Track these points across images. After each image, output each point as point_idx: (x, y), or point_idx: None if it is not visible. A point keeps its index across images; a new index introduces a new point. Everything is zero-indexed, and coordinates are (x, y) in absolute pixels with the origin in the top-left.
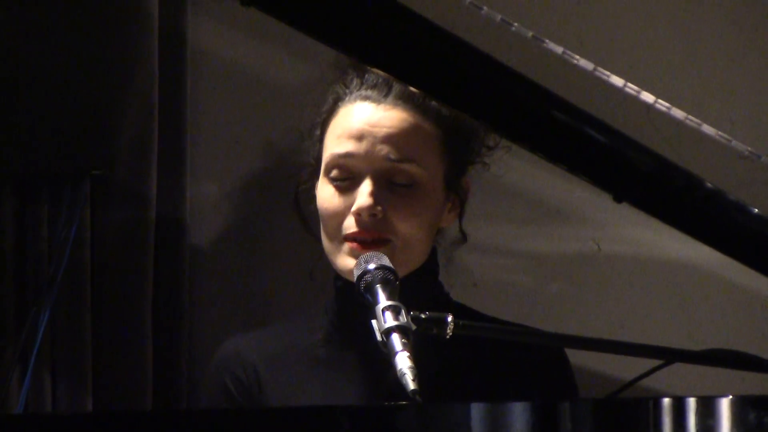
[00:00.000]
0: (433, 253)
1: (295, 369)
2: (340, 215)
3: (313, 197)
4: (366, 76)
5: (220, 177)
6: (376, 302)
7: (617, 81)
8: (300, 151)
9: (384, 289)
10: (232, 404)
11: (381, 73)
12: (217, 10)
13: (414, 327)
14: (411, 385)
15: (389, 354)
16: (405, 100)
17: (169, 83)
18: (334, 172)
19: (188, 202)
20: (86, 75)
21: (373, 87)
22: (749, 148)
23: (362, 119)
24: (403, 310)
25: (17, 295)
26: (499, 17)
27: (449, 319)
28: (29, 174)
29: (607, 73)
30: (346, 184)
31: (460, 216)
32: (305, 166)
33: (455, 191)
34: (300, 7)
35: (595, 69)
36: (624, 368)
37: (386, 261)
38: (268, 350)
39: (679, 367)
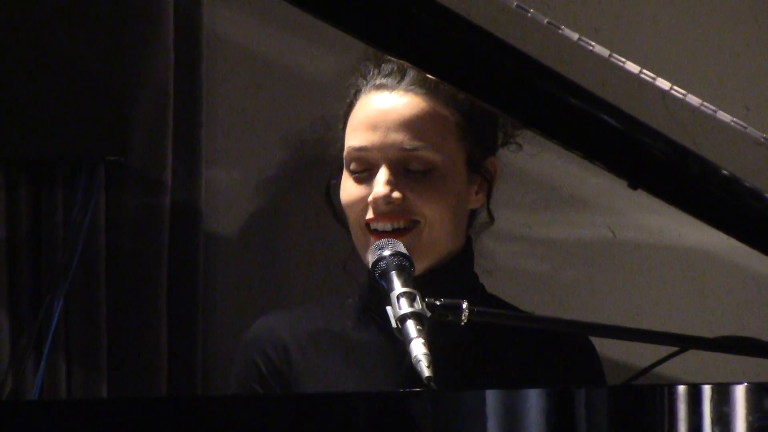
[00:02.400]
0: (468, 243)
1: (326, 351)
2: (360, 205)
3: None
4: (383, 65)
5: (235, 164)
6: (391, 289)
7: (633, 67)
8: (322, 140)
9: (399, 276)
10: (261, 382)
11: (397, 61)
12: None
13: (429, 314)
14: (426, 372)
15: (404, 341)
16: (418, 86)
17: (184, 69)
18: (353, 165)
19: (203, 189)
20: (101, 61)
21: (388, 75)
22: (765, 135)
23: (375, 108)
24: (417, 297)
25: (32, 280)
26: (514, 3)
27: (464, 305)
28: (44, 160)
29: (623, 59)
30: (365, 175)
31: (488, 197)
32: (335, 160)
33: (480, 173)
34: None
35: (610, 55)
36: (639, 355)
37: (401, 248)
38: (300, 331)
39: (694, 354)
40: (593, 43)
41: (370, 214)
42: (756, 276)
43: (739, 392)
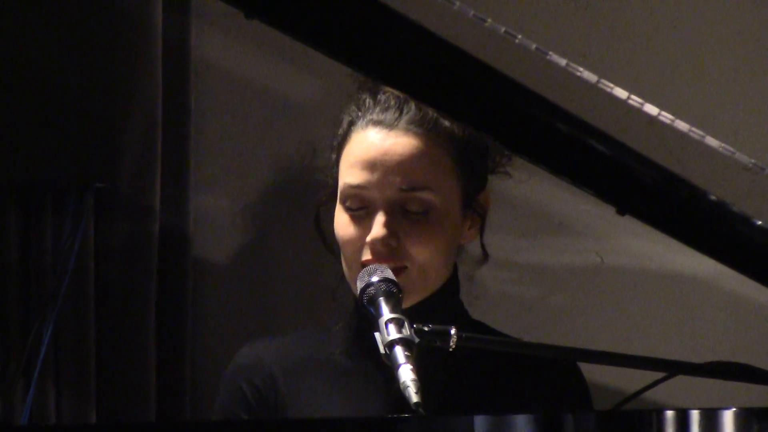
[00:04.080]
0: (454, 272)
1: (313, 379)
2: (357, 243)
3: (332, 217)
4: (379, 97)
5: (223, 190)
6: (379, 315)
7: (621, 93)
8: (310, 166)
9: (387, 302)
10: (247, 410)
11: (393, 93)
12: (221, 22)
13: (417, 339)
14: (414, 398)
15: (392, 367)
16: (417, 125)
17: (172, 95)
18: (349, 202)
19: (191, 215)
20: (90, 87)
21: (385, 110)
22: (753, 160)
23: (374, 147)
24: (406, 323)
25: (21, 306)
26: (503, 29)
27: (452, 331)
28: (33, 185)
29: (611, 85)
30: (361, 213)
31: (482, 232)
32: (324, 186)
33: (474, 209)
34: (304, 19)
35: (598, 81)
36: (627, 380)
37: (389, 274)
38: (286, 358)
39: (682, 380)
40: (581, 69)
41: (367, 255)
42: (744, 301)
43: (728, 417)
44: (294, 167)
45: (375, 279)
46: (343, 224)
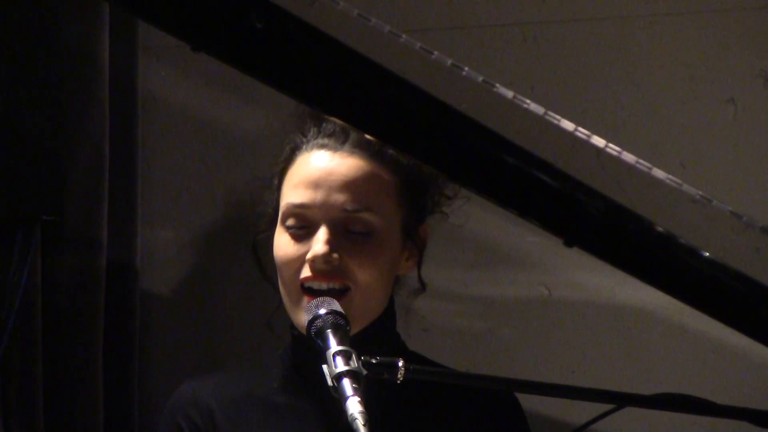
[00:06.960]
0: (390, 303)
1: (251, 415)
2: (296, 262)
3: (271, 246)
4: (323, 124)
5: (171, 223)
6: (326, 347)
7: (568, 125)
8: (257, 200)
9: (335, 334)
10: None
11: (337, 120)
12: (168, 55)
13: (365, 372)
14: (362, 430)
15: (340, 399)
16: (362, 148)
17: (119, 129)
18: (290, 221)
19: (139, 248)
20: (37, 120)
21: (330, 135)
22: (700, 192)
23: (318, 167)
24: (353, 355)
25: None
26: (449, 62)
27: (400, 363)
28: None
29: (558, 117)
30: (303, 232)
31: (419, 265)
32: (263, 216)
33: (412, 239)
34: (251, 53)
35: (545, 113)
36: (575, 413)
37: (337, 306)
38: (224, 395)
39: (630, 411)
40: (528, 101)
41: (306, 273)
42: (691, 333)
43: None
44: (241, 201)
45: (322, 311)
46: (282, 244)
